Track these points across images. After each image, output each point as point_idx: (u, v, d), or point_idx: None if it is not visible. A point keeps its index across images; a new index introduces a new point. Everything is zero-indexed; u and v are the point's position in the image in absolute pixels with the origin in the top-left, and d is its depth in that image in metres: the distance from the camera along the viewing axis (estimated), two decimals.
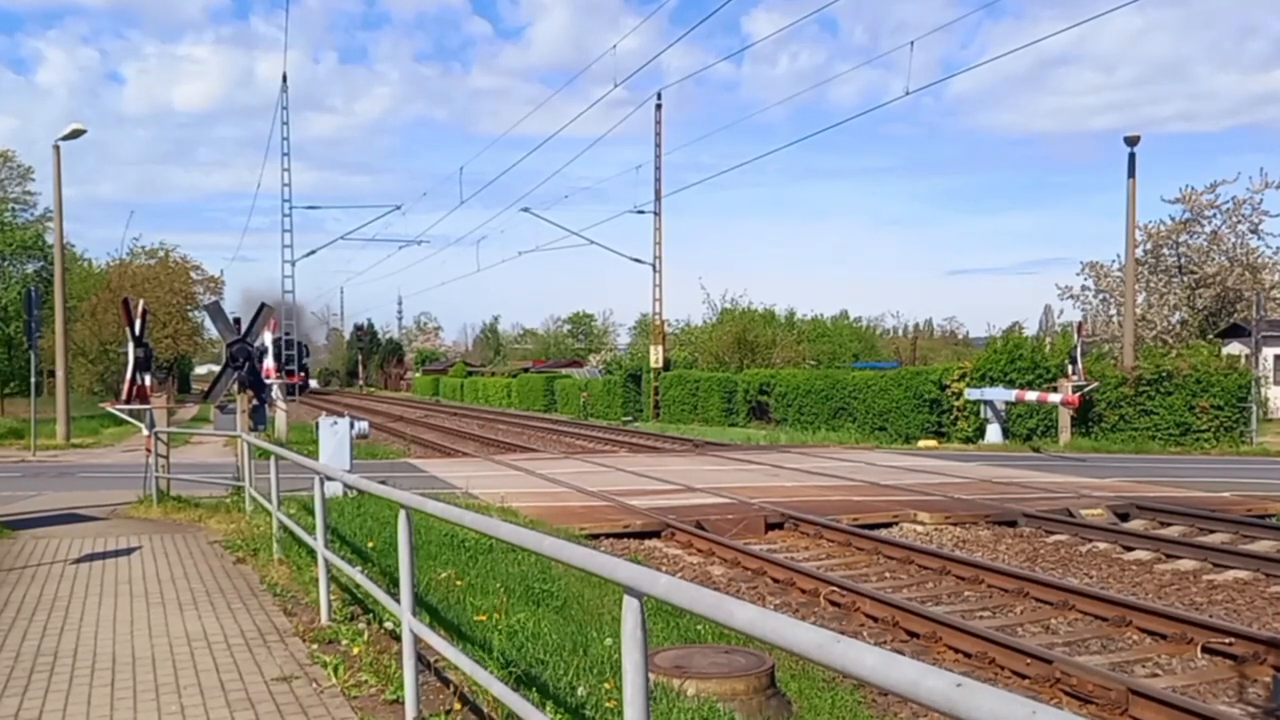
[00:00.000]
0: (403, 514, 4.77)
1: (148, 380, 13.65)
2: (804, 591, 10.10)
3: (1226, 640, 7.93)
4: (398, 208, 69.08)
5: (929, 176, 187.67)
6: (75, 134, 27.44)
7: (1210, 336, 36.95)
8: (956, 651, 8.00)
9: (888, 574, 11.04)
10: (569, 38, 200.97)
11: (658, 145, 40.02)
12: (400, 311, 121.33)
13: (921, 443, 26.19)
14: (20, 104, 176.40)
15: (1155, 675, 7.58)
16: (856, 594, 9.46)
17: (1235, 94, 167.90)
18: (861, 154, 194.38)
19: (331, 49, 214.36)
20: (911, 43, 32.35)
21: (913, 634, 8.49)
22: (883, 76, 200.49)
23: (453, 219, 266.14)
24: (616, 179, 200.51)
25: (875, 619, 8.98)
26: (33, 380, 25.34)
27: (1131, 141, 27.09)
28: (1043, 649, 7.67)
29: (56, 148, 28.01)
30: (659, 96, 40.42)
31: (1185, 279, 40.25)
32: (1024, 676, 7.31)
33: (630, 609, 2.89)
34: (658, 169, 40.00)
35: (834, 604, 9.59)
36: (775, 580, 10.57)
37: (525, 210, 42.46)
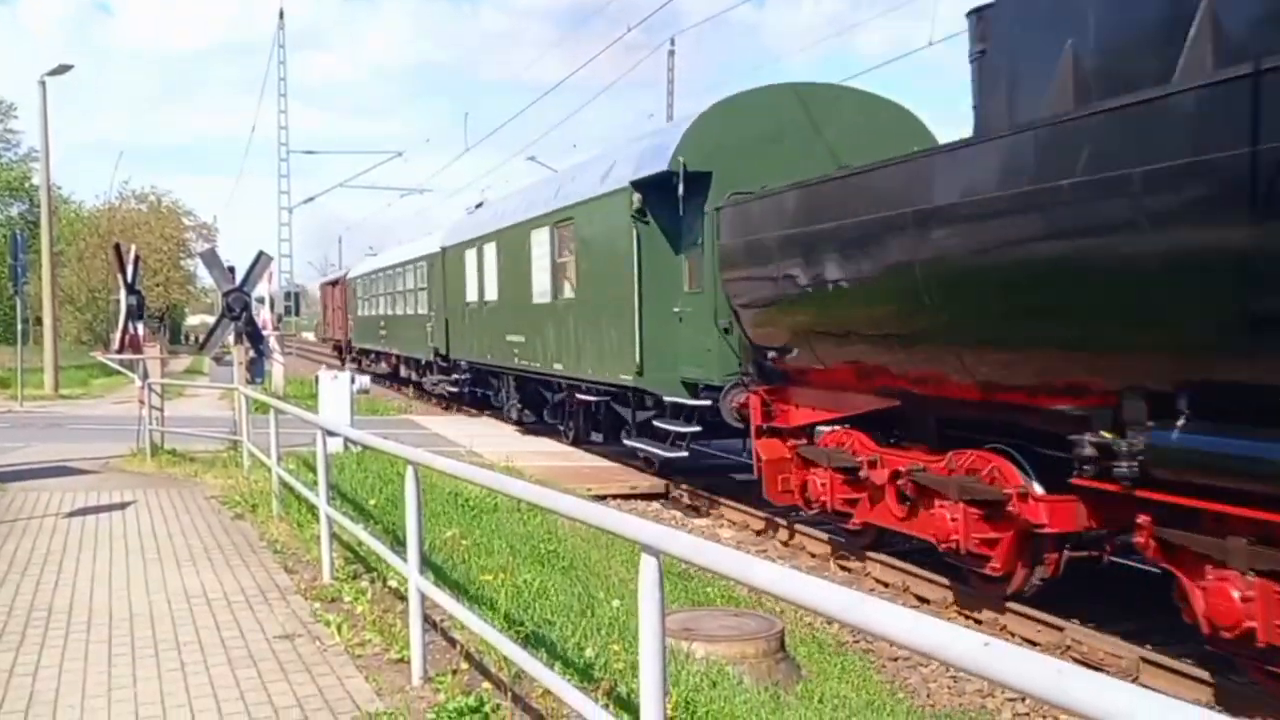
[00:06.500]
0: (410, 470, 4.63)
1: (140, 329, 13.38)
2: (813, 555, 10.00)
3: None
4: (399, 154, 66.79)
5: (955, 132, 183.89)
6: (61, 69, 26.00)
7: None
8: (967, 617, 7.90)
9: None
10: None
11: (670, 94, 39.21)
12: None
13: None
14: (2, 36, 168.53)
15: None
16: (866, 559, 9.35)
17: None
18: None
19: None
20: None
21: (923, 599, 8.38)
22: (915, 25, 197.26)
23: (456, 167, 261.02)
24: (628, 128, 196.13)
25: (885, 584, 8.88)
26: (19, 328, 24.85)
27: None
28: (1055, 617, 7.55)
29: (42, 83, 26.47)
30: (672, 42, 39.53)
31: None
32: (1034, 644, 7.20)
33: (649, 567, 2.82)
34: (670, 119, 39.28)
35: (844, 569, 9.49)
36: (783, 544, 10.47)
37: (531, 159, 41.44)
